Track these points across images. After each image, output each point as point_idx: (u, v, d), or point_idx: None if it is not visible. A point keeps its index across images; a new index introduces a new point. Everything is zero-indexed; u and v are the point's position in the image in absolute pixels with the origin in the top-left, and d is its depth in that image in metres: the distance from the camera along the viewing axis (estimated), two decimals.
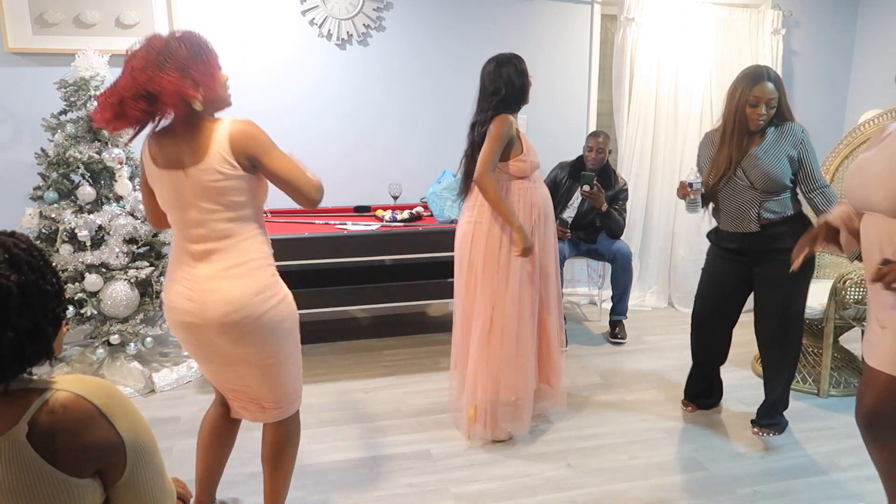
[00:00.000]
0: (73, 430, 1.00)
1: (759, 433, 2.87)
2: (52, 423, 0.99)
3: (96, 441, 1.02)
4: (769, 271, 2.68)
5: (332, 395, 3.27)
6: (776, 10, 4.59)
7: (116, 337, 3.25)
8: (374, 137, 4.22)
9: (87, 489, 1.03)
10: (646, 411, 3.13)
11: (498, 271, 2.73)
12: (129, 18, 3.67)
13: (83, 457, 1.01)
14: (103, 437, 1.03)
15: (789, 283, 2.62)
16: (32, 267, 1.02)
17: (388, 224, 3.72)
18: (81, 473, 1.02)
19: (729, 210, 2.70)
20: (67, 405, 1.01)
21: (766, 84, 2.55)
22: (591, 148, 3.92)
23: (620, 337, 3.99)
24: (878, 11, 4.76)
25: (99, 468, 1.05)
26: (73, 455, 1.00)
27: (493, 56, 2.82)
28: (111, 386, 1.08)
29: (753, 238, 2.67)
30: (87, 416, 1.02)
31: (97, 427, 1.02)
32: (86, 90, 3.21)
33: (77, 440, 1.00)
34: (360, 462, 2.68)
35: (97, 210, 3.24)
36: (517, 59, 2.80)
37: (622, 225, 3.94)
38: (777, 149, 2.60)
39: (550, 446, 2.81)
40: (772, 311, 2.72)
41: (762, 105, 2.56)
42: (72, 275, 3.19)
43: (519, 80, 2.77)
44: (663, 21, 4.39)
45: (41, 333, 1.02)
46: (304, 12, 3.97)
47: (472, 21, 4.24)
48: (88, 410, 1.02)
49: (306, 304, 3.66)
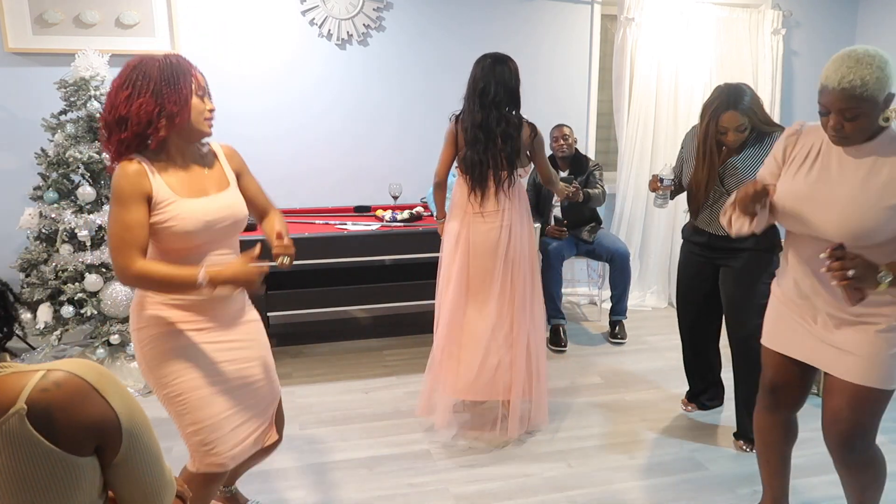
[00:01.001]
0: (69, 407, 1.00)
1: (744, 448, 2.80)
2: (48, 401, 0.98)
3: (93, 416, 1.02)
4: (733, 268, 2.70)
5: (332, 395, 3.27)
6: (776, 10, 4.59)
7: (116, 337, 3.25)
8: (374, 137, 4.22)
9: (88, 467, 1.04)
10: (646, 411, 3.13)
11: (523, 274, 2.81)
12: (129, 18, 3.67)
13: (81, 433, 1.01)
14: (99, 413, 1.03)
15: (752, 280, 2.65)
16: None
17: (388, 224, 3.72)
18: (81, 451, 1.02)
19: (705, 212, 2.73)
20: (61, 382, 1.00)
21: (732, 113, 2.50)
22: (557, 138, 3.98)
23: (620, 337, 4.00)
24: (878, 11, 4.77)
25: (97, 445, 1.05)
26: (72, 432, 1.00)
27: (490, 53, 2.77)
28: (100, 365, 1.09)
29: (720, 236, 2.70)
30: (82, 391, 1.02)
31: (92, 402, 1.03)
32: (86, 90, 3.21)
33: (74, 416, 1.00)
34: (360, 462, 2.68)
35: (97, 210, 3.24)
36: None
37: (600, 196, 3.93)
38: (756, 160, 2.57)
39: (550, 446, 2.82)
40: (733, 309, 2.72)
41: (731, 132, 2.55)
42: (72, 275, 3.19)
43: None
44: (663, 21, 4.39)
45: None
46: (304, 12, 3.97)
47: (473, 21, 4.24)
48: (82, 386, 1.02)
49: (306, 304, 3.67)
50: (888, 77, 1.67)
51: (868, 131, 1.74)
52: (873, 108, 1.69)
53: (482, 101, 2.69)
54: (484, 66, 2.72)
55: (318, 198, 4.16)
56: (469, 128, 2.72)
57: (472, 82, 2.74)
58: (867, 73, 1.64)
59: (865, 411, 1.86)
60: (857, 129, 1.73)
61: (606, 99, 4.66)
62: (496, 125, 2.69)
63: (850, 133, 1.74)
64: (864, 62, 1.65)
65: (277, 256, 1.82)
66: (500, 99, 2.69)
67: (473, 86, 2.73)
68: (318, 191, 4.16)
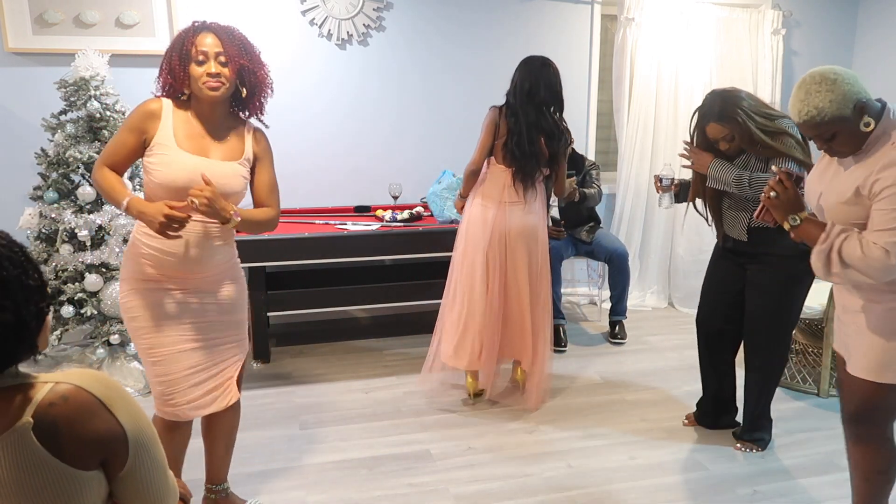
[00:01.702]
0: (75, 421, 1.00)
1: (742, 448, 2.79)
2: (54, 415, 0.98)
3: (99, 432, 1.02)
4: (758, 275, 2.62)
5: (332, 395, 3.27)
6: (776, 10, 4.59)
7: (116, 337, 3.25)
8: (374, 137, 4.22)
9: (93, 482, 1.03)
10: (646, 411, 3.13)
11: (546, 256, 3.12)
12: (129, 18, 3.67)
13: (87, 448, 1.01)
14: (105, 428, 1.02)
15: (778, 291, 2.58)
16: (14, 262, 1.01)
17: (388, 224, 3.72)
18: (87, 466, 1.01)
19: (725, 217, 2.69)
20: (68, 396, 1.00)
21: (713, 126, 2.49)
22: None
23: (620, 337, 4.00)
24: (878, 11, 4.77)
25: (103, 459, 1.04)
26: (77, 447, 1.00)
27: (537, 56, 2.98)
28: (108, 377, 1.08)
29: (744, 242, 2.64)
30: (89, 406, 1.01)
31: (99, 417, 1.02)
32: (86, 90, 3.21)
33: (80, 431, 1.00)
34: (360, 462, 2.68)
35: (97, 210, 3.24)
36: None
37: (596, 196, 3.95)
38: (756, 161, 2.54)
39: (550, 446, 2.82)
40: (758, 317, 2.66)
41: (719, 143, 2.53)
42: (72, 275, 3.19)
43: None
44: (663, 21, 4.39)
45: (24, 328, 1.01)
46: (304, 12, 3.97)
47: (473, 21, 4.24)
48: (89, 401, 1.01)
49: (306, 304, 3.67)
50: (844, 93, 1.69)
51: (855, 142, 1.77)
52: (844, 124, 1.72)
53: (530, 101, 2.89)
54: (528, 68, 2.92)
55: (318, 198, 4.16)
56: (522, 124, 2.89)
57: (515, 83, 2.94)
58: (818, 101, 1.70)
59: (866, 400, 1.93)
60: (842, 144, 1.77)
61: (606, 99, 4.66)
62: (545, 122, 2.91)
63: (838, 149, 1.80)
64: (813, 91, 1.71)
65: (189, 196, 1.85)
66: (548, 100, 2.92)
67: (518, 86, 2.91)
68: (318, 191, 4.16)
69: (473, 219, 3.03)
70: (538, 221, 3.05)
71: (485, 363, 3.08)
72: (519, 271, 3.03)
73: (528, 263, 3.03)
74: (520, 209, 2.99)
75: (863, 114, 1.73)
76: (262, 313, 3.56)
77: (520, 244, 3.00)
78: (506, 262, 3.02)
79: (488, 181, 3.01)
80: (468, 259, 3.04)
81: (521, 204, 2.99)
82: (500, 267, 3.01)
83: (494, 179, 2.99)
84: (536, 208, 3.03)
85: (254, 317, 3.53)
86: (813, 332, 3.38)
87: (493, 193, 2.99)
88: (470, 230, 3.04)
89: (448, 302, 3.13)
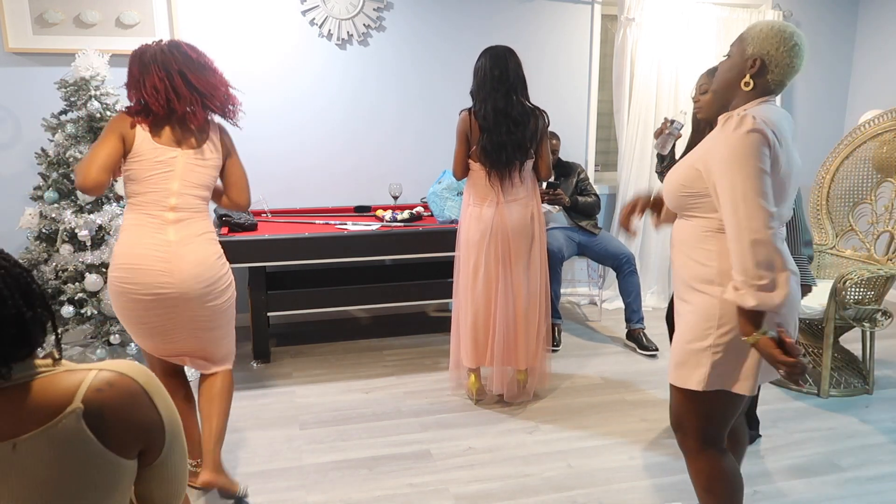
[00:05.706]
0: (120, 408, 0.99)
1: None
2: (101, 401, 0.97)
3: (142, 420, 1.01)
4: None
5: (332, 395, 3.27)
6: (776, 10, 4.60)
7: (116, 337, 3.25)
8: (375, 137, 4.22)
9: (130, 471, 1.02)
10: (646, 411, 3.13)
11: (543, 248, 3.13)
12: (129, 18, 3.67)
13: (130, 435, 1.00)
14: (147, 416, 1.02)
15: None
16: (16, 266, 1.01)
17: (388, 224, 3.72)
18: (129, 454, 1.01)
19: None
20: (113, 383, 0.99)
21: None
22: None
23: (652, 349, 3.78)
24: (878, 11, 4.77)
25: (143, 448, 1.03)
26: (122, 433, 0.99)
27: (493, 45, 2.97)
28: (145, 367, 1.07)
29: None
30: (133, 393, 1.01)
31: (142, 405, 1.01)
32: (86, 90, 3.21)
33: (125, 418, 0.99)
34: (360, 462, 2.68)
35: (97, 210, 3.24)
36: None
37: (592, 204, 3.95)
38: None
39: (550, 446, 2.82)
40: None
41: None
42: (72, 275, 3.19)
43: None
44: (663, 21, 4.39)
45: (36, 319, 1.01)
46: (304, 12, 3.97)
47: (474, 21, 4.24)
48: (134, 388, 1.01)
49: (306, 304, 3.67)
50: (770, 40, 1.64)
51: (721, 99, 1.75)
52: (735, 62, 1.68)
53: (500, 87, 2.85)
54: (495, 55, 2.89)
55: (318, 198, 4.17)
56: (490, 113, 2.85)
57: (484, 70, 2.90)
58: (757, 29, 1.66)
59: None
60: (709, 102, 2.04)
61: (606, 99, 4.66)
62: (513, 109, 2.86)
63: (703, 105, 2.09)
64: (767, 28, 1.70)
65: None
66: (516, 84, 2.88)
67: (488, 73, 2.88)
68: (318, 191, 4.16)
69: (467, 219, 3.05)
70: (530, 216, 3.02)
71: (493, 363, 3.09)
72: (515, 267, 3.03)
73: (523, 259, 3.03)
74: (507, 206, 2.97)
75: (755, 69, 1.60)
76: (262, 313, 3.56)
77: (513, 241, 3.00)
78: (501, 259, 3.03)
79: (473, 182, 3.02)
80: (470, 259, 3.06)
81: (512, 201, 2.98)
82: (498, 265, 3.02)
83: (476, 180, 3.00)
84: (527, 202, 3.01)
85: (254, 317, 3.53)
86: (813, 332, 3.38)
87: (480, 193, 3.00)
88: (467, 231, 3.06)
89: (456, 302, 3.17)
